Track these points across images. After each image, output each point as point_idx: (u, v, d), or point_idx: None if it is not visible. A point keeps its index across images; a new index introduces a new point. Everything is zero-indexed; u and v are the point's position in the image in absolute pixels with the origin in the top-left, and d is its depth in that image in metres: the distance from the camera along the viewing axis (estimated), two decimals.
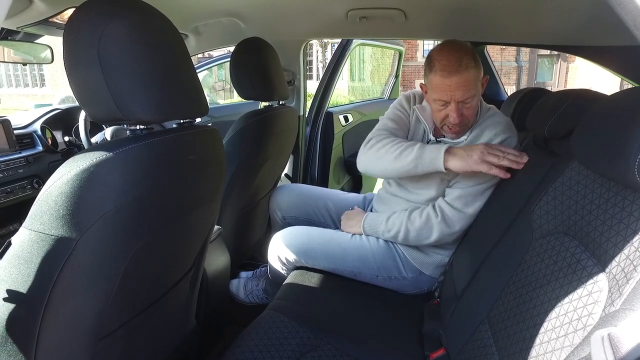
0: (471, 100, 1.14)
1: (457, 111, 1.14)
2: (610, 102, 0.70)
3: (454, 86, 1.11)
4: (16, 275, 0.60)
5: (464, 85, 1.11)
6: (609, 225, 0.63)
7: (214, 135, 0.85)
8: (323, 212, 1.58)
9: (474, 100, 1.15)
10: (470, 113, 1.17)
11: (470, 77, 1.11)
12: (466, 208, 1.18)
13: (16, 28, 1.31)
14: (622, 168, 0.57)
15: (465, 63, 1.10)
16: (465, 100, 1.13)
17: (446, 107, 1.15)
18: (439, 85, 1.13)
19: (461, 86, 1.11)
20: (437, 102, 1.17)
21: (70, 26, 0.65)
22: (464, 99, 1.13)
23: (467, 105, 1.14)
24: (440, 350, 0.99)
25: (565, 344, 0.60)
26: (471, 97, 1.13)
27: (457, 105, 1.14)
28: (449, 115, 1.15)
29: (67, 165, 0.61)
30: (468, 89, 1.12)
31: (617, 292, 0.55)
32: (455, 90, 1.12)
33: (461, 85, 1.11)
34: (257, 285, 1.61)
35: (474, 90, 1.13)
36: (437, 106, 1.18)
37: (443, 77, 1.12)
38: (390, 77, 3.35)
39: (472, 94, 1.13)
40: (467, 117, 1.17)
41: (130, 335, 0.80)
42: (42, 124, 1.60)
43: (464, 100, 1.13)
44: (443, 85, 1.12)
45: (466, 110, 1.15)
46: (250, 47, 1.39)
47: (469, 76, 1.11)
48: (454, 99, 1.13)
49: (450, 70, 1.10)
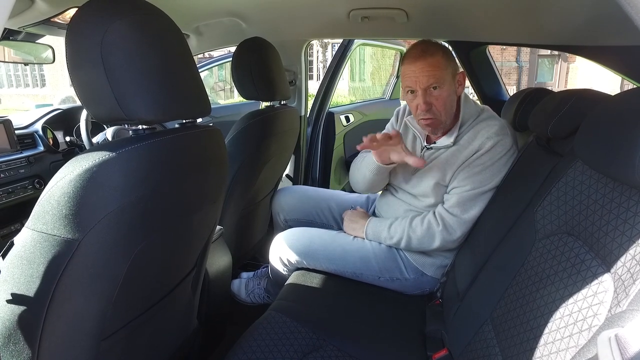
0: (439, 90, 1.14)
1: (424, 98, 1.14)
2: (614, 102, 0.70)
3: (417, 71, 1.13)
4: (19, 276, 0.60)
5: (428, 70, 1.12)
6: (614, 225, 0.62)
7: (216, 135, 0.85)
8: (326, 213, 1.58)
9: (443, 91, 1.15)
10: (440, 104, 1.16)
11: (434, 63, 1.13)
12: (465, 214, 1.17)
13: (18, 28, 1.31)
14: (627, 168, 0.57)
15: (430, 51, 1.13)
16: (431, 87, 1.14)
17: (415, 97, 1.17)
18: (406, 73, 1.16)
19: (425, 71, 1.12)
20: (407, 93, 1.19)
21: (73, 26, 0.65)
22: (428, 85, 1.13)
23: (434, 93, 1.15)
24: (443, 351, 0.99)
25: (571, 345, 0.59)
26: (438, 84, 1.14)
27: (424, 93, 1.14)
28: (417, 105, 1.17)
29: (69, 165, 0.61)
30: (432, 75, 1.13)
31: (624, 292, 0.55)
32: (420, 76, 1.13)
33: (425, 69, 1.12)
34: (258, 284, 1.61)
35: (439, 78, 1.13)
36: (408, 97, 1.20)
37: (409, 64, 1.15)
38: (391, 78, 3.35)
39: (437, 82, 1.13)
40: (437, 109, 1.16)
41: (133, 336, 0.80)
42: (43, 124, 1.60)
43: (428, 87, 1.14)
44: (409, 71, 1.15)
45: (435, 100, 1.15)
46: (252, 47, 1.39)
47: (433, 61, 1.12)
48: (419, 85, 1.14)
49: (415, 55, 1.14)
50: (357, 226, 1.34)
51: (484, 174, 1.16)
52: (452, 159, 1.19)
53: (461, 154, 1.18)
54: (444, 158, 1.21)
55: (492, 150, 1.15)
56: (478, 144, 1.16)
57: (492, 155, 1.15)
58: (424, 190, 1.25)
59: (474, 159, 1.16)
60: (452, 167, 1.19)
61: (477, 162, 1.16)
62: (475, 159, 1.16)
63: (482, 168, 1.16)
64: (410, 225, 1.23)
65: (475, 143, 1.17)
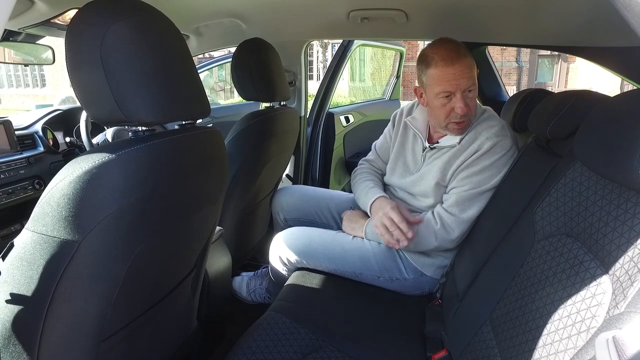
0: (474, 90, 1.15)
1: (463, 100, 1.12)
2: (613, 104, 0.70)
3: (458, 73, 1.11)
4: (19, 277, 0.60)
5: (467, 72, 1.12)
6: (612, 227, 0.63)
7: (216, 136, 0.85)
8: (325, 213, 1.58)
9: (475, 91, 1.16)
10: (474, 105, 1.18)
11: (470, 64, 1.13)
12: (463, 213, 1.17)
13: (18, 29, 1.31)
14: (626, 169, 0.57)
15: (462, 52, 1.12)
16: (469, 88, 1.13)
17: (450, 100, 1.14)
18: (442, 76, 1.13)
19: (465, 73, 1.12)
20: (441, 97, 1.15)
21: (73, 27, 0.65)
22: (468, 87, 1.13)
23: (470, 95, 1.15)
24: (442, 352, 0.99)
25: (569, 346, 0.60)
26: (474, 85, 1.14)
27: (463, 95, 1.13)
28: (454, 107, 1.14)
29: (69, 167, 0.61)
30: (471, 77, 1.13)
31: (622, 294, 0.55)
32: (460, 78, 1.11)
33: (465, 72, 1.11)
34: (260, 284, 1.61)
35: (474, 78, 1.14)
36: (440, 101, 1.16)
37: (445, 67, 1.11)
38: (391, 78, 3.35)
39: (474, 82, 1.14)
40: (472, 109, 1.17)
41: (133, 337, 0.80)
42: (43, 125, 1.60)
43: (468, 88, 1.13)
44: (447, 75, 1.12)
45: (470, 101, 1.15)
46: (252, 48, 1.39)
47: (468, 63, 1.12)
48: (459, 88, 1.12)
49: (452, 57, 1.11)
50: (357, 226, 1.34)
51: (483, 174, 1.16)
52: (452, 159, 1.20)
53: (461, 154, 1.18)
54: (445, 158, 1.21)
55: (491, 151, 1.15)
56: (478, 144, 1.16)
57: (491, 155, 1.15)
58: (424, 191, 1.25)
59: (473, 159, 1.16)
60: (452, 167, 1.19)
61: (477, 163, 1.16)
62: (475, 159, 1.16)
63: (481, 168, 1.16)
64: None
65: (475, 143, 1.17)
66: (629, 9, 0.39)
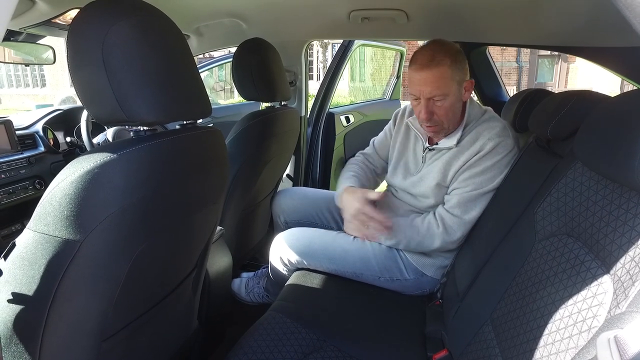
0: (442, 100, 1.13)
1: (426, 108, 1.14)
2: (614, 104, 0.70)
3: (422, 80, 1.12)
4: (21, 277, 0.60)
5: (433, 81, 1.11)
6: (613, 227, 0.63)
7: (217, 136, 0.85)
8: (326, 214, 1.58)
9: (446, 101, 1.13)
10: (442, 113, 1.15)
11: (440, 75, 1.10)
12: (465, 214, 1.17)
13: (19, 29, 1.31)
14: (626, 169, 0.57)
15: (437, 60, 1.10)
16: (434, 98, 1.13)
17: (419, 104, 1.16)
18: (411, 79, 1.15)
19: (429, 82, 1.11)
20: (411, 97, 1.18)
21: (75, 27, 0.65)
22: (431, 96, 1.12)
23: (437, 104, 1.14)
24: (443, 352, 0.99)
25: (570, 346, 0.60)
26: (442, 96, 1.12)
27: (427, 102, 1.14)
28: (420, 112, 1.17)
29: (71, 166, 0.61)
30: (437, 87, 1.11)
31: (623, 294, 0.55)
32: (423, 85, 1.12)
33: (429, 81, 1.11)
34: (258, 283, 1.61)
35: (444, 89, 1.12)
36: (412, 101, 1.20)
37: (414, 71, 1.13)
38: (391, 78, 3.35)
39: (442, 93, 1.12)
40: (440, 117, 1.16)
41: (134, 337, 0.80)
42: (44, 125, 1.60)
43: (432, 98, 1.13)
44: (414, 79, 1.14)
45: (437, 109, 1.14)
46: (252, 48, 1.39)
47: (439, 73, 1.10)
48: (422, 95, 1.13)
49: (422, 64, 1.11)
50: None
51: (485, 175, 1.16)
52: (453, 160, 1.20)
53: (462, 155, 1.18)
54: (445, 159, 1.21)
55: (493, 152, 1.15)
56: (479, 145, 1.16)
57: (493, 156, 1.15)
58: (425, 191, 1.25)
59: (475, 160, 1.16)
60: (453, 168, 1.19)
61: (479, 164, 1.16)
62: (477, 160, 1.16)
63: (483, 169, 1.16)
64: (410, 226, 1.23)
65: (477, 144, 1.17)
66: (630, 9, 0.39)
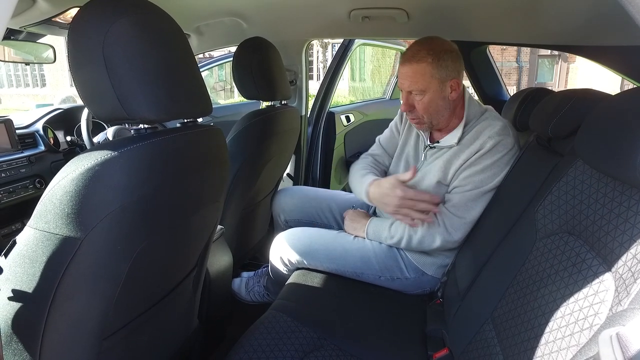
0: (420, 95, 1.17)
1: (405, 100, 1.20)
2: (614, 102, 0.70)
3: (403, 74, 1.18)
4: (21, 275, 0.60)
5: (411, 76, 1.16)
6: (615, 224, 0.63)
7: (217, 135, 0.85)
8: (326, 213, 1.58)
9: (425, 97, 1.17)
10: (421, 108, 1.19)
11: (419, 70, 1.14)
12: (466, 214, 1.17)
13: (19, 28, 1.31)
14: (627, 167, 0.57)
15: (420, 56, 1.14)
16: (412, 92, 1.18)
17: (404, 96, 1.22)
18: (398, 71, 1.21)
19: (408, 77, 1.16)
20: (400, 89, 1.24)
21: (75, 25, 0.65)
22: (409, 89, 1.18)
23: (416, 98, 1.18)
24: (444, 350, 0.99)
25: (572, 344, 0.60)
26: (419, 91, 1.17)
27: (407, 95, 1.20)
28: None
29: (71, 164, 0.61)
30: (415, 82, 1.16)
31: (625, 291, 0.55)
32: (403, 79, 1.18)
33: (409, 75, 1.16)
34: (258, 282, 1.61)
35: (422, 85, 1.15)
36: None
37: (400, 65, 1.21)
38: (391, 77, 3.35)
39: (419, 88, 1.16)
40: (420, 112, 1.20)
41: (134, 335, 0.80)
42: (44, 124, 1.60)
43: (410, 92, 1.18)
44: (399, 72, 1.21)
45: (417, 104, 1.19)
46: (253, 47, 1.39)
47: (418, 69, 1.14)
48: (403, 87, 1.20)
49: (405, 59, 1.18)
50: (358, 226, 1.34)
51: (485, 174, 1.16)
52: (454, 159, 1.20)
53: (463, 153, 1.18)
54: (446, 157, 1.21)
55: (493, 150, 1.15)
56: (480, 143, 1.16)
57: (494, 154, 1.15)
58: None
59: (475, 158, 1.16)
60: (453, 167, 1.19)
61: (479, 162, 1.16)
62: (477, 159, 1.16)
63: (483, 167, 1.16)
64: (410, 225, 1.23)
65: (477, 143, 1.17)
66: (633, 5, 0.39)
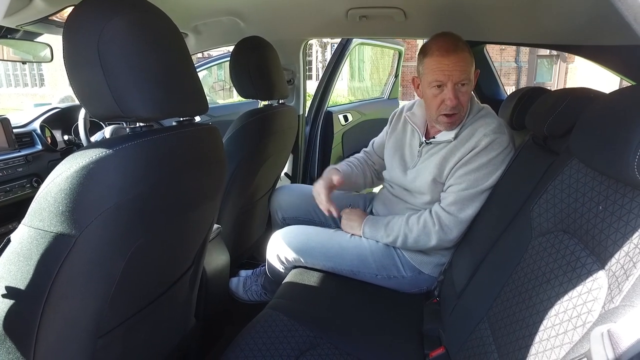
0: (467, 85, 1.16)
1: (454, 92, 1.14)
2: (609, 100, 0.70)
3: (451, 65, 1.12)
4: (15, 272, 0.60)
5: (461, 65, 1.13)
6: (609, 222, 0.63)
7: (214, 133, 0.85)
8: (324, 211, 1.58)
9: (469, 87, 1.17)
10: (465, 100, 1.18)
11: (466, 59, 1.14)
12: (461, 213, 1.18)
13: (16, 26, 1.30)
14: (622, 165, 0.57)
15: (461, 46, 1.14)
16: (461, 82, 1.14)
17: (442, 92, 1.16)
18: (437, 66, 1.14)
19: (458, 66, 1.13)
20: (433, 86, 1.17)
21: (70, 24, 0.65)
22: (460, 80, 1.14)
23: (462, 89, 1.16)
24: (440, 349, 0.99)
25: (565, 341, 0.60)
26: (467, 80, 1.15)
27: (454, 87, 1.14)
28: (444, 100, 1.15)
29: (66, 162, 0.61)
30: (464, 70, 1.13)
31: (617, 288, 0.55)
32: (453, 70, 1.13)
33: (458, 64, 1.13)
34: (255, 281, 1.61)
35: (469, 74, 1.15)
36: (432, 91, 1.17)
37: (440, 57, 1.14)
38: (390, 77, 3.35)
39: (467, 77, 1.15)
40: (462, 104, 1.17)
41: (130, 334, 0.80)
42: (42, 123, 1.60)
43: (460, 82, 1.14)
44: (441, 64, 1.14)
45: (462, 95, 1.16)
46: (250, 46, 1.39)
47: (464, 57, 1.13)
48: (451, 79, 1.14)
49: (448, 49, 1.13)
50: (355, 224, 1.35)
51: (481, 172, 1.16)
52: (449, 156, 1.20)
53: (458, 150, 1.18)
54: (442, 154, 1.21)
55: (488, 148, 1.15)
56: (475, 141, 1.16)
57: (489, 152, 1.15)
58: (421, 187, 1.25)
59: (470, 156, 1.16)
60: (449, 164, 1.20)
61: (474, 160, 1.16)
62: (472, 157, 1.16)
63: (478, 166, 1.16)
64: (406, 224, 1.23)
65: (473, 140, 1.17)
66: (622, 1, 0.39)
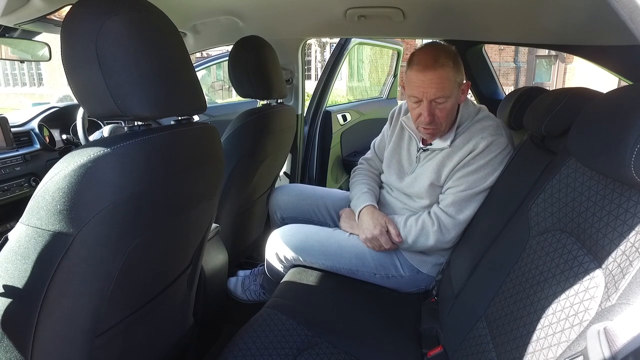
0: (444, 102, 1.12)
1: (429, 110, 1.12)
2: (606, 100, 0.70)
3: (427, 82, 1.10)
4: (13, 271, 0.60)
5: (437, 83, 1.09)
6: (606, 221, 0.63)
7: (212, 132, 0.85)
8: (322, 211, 1.58)
9: (448, 103, 1.13)
10: (443, 115, 1.15)
11: (444, 76, 1.09)
12: (460, 214, 1.18)
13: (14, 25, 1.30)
14: (618, 164, 0.58)
15: (441, 61, 1.09)
16: (437, 99, 1.11)
17: (419, 106, 1.15)
18: (414, 81, 1.13)
19: (434, 83, 1.09)
20: (411, 99, 1.16)
21: (68, 23, 0.65)
22: (435, 97, 1.11)
23: (440, 106, 1.13)
24: (438, 348, 0.99)
25: (562, 340, 0.60)
26: (444, 97, 1.11)
27: (429, 104, 1.12)
28: (421, 114, 1.15)
29: (64, 161, 0.61)
30: (441, 88, 1.10)
31: (614, 287, 0.55)
32: (428, 87, 1.10)
33: (434, 82, 1.09)
34: (254, 281, 1.61)
35: (448, 91, 1.11)
36: (411, 103, 1.17)
37: (417, 72, 1.11)
38: (388, 77, 3.35)
39: (445, 95, 1.11)
40: (440, 119, 1.15)
41: (128, 333, 0.80)
42: (40, 122, 1.59)
43: (435, 99, 1.11)
44: (417, 80, 1.11)
45: (439, 111, 1.13)
46: (249, 46, 1.39)
47: (443, 74, 1.09)
48: (425, 97, 1.12)
49: (426, 65, 1.10)
50: (354, 224, 1.35)
51: (479, 174, 1.16)
52: (447, 160, 1.20)
53: (456, 154, 1.18)
54: (439, 159, 1.21)
55: (486, 150, 1.15)
56: (473, 144, 1.16)
57: (487, 154, 1.15)
58: (419, 191, 1.25)
59: (468, 159, 1.16)
60: (447, 168, 1.20)
61: (472, 162, 1.16)
62: (470, 159, 1.16)
63: (476, 167, 1.16)
64: (405, 225, 1.23)
65: (470, 143, 1.17)
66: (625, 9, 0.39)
